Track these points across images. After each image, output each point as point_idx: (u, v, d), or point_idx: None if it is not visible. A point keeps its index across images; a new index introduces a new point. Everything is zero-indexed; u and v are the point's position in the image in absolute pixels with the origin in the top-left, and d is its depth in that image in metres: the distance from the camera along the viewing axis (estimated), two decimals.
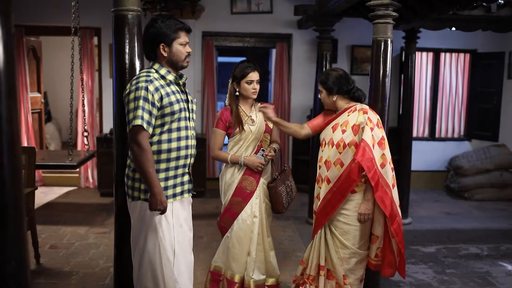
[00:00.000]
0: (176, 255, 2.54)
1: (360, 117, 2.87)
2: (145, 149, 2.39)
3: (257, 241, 3.27)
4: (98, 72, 6.85)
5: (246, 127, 3.23)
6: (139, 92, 2.39)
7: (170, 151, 2.51)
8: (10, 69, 1.03)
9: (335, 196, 2.91)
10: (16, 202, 1.07)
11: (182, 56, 2.56)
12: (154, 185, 2.40)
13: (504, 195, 6.73)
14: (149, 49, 2.57)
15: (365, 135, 2.80)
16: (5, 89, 1.02)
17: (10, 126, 1.04)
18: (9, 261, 1.04)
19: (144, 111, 2.38)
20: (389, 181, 2.84)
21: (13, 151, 1.05)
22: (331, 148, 2.97)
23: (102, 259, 4.11)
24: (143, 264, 2.54)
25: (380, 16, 2.98)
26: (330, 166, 2.96)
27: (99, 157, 6.19)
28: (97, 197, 6.26)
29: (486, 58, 7.16)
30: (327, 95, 3.03)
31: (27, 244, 1.12)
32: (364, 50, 6.88)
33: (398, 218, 2.88)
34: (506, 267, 4.67)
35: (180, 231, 2.59)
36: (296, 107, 6.90)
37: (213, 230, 4.85)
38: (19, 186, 1.08)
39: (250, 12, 6.69)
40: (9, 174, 1.04)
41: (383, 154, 2.83)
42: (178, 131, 2.54)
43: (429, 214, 6.03)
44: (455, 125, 7.51)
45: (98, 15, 6.32)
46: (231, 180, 3.27)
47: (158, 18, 2.55)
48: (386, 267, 3.00)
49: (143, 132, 2.39)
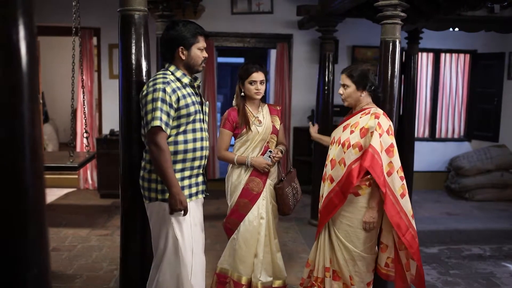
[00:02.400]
0: (194, 256, 2.57)
1: (370, 121, 2.81)
2: (164, 149, 2.42)
3: (264, 243, 3.24)
4: (98, 73, 6.80)
5: (253, 128, 3.21)
6: (157, 94, 2.42)
7: (187, 152, 2.54)
8: (33, 71, 1.01)
9: (337, 195, 2.88)
10: (38, 207, 1.04)
11: (199, 61, 2.60)
12: (173, 185, 2.42)
13: (504, 196, 6.73)
14: (167, 50, 2.61)
15: (373, 140, 2.74)
16: (27, 91, 1.00)
17: (33, 129, 1.02)
18: (31, 268, 1.01)
19: (162, 112, 2.41)
20: (395, 190, 2.76)
21: (36, 154, 1.03)
22: (337, 146, 2.95)
23: (106, 262, 4.08)
24: (163, 265, 2.55)
25: (389, 17, 2.97)
26: (335, 165, 2.93)
27: (99, 158, 6.14)
28: (97, 198, 6.21)
29: (486, 59, 7.17)
30: (355, 90, 2.90)
31: (49, 250, 1.09)
32: (364, 51, 6.87)
33: (411, 230, 2.80)
34: (509, 267, 4.66)
35: (195, 230, 2.62)
36: (296, 107, 6.88)
37: (216, 232, 4.82)
38: (42, 191, 1.05)
39: (250, 12, 6.67)
40: (31, 178, 1.01)
41: (390, 162, 2.77)
42: (194, 133, 2.56)
43: (430, 214, 6.02)
44: (455, 126, 7.52)
45: (97, 15, 6.28)
46: (237, 181, 3.25)
47: (180, 21, 2.60)
48: (398, 280, 2.93)
49: (161, 133, 2.42)
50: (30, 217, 1.02)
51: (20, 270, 0.99)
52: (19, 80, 0.98)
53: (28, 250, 1.01)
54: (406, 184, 2.88)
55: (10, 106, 0.97)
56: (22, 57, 0.97)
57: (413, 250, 2.82)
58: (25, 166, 1.00)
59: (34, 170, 1.02)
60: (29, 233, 1.02)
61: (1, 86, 0.95)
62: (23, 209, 1.01)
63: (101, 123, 6.81)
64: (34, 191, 1.02)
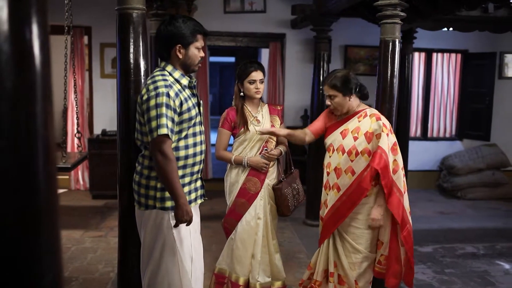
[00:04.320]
0: (193, 262, 2.48)
1: (373, 124, 2.80)
2: (171, 158, 2.28)
3: (261, 243, 3.22)
4: (89, 72, 6.73)
5: (251, 128, 3.19)
6: (161, 99, 2.27)
7: (187, 158, 2.43)
8: (47, 70, 0.97)
9: (345, 204, 2.85)
10: (51, 211, 1.01)
11: (196, 61, 2.46)
12: (180, 195, 2.29)
13: (496, 194, 6.79)
14: (164, 47, 2.46)
15: (381, 142, 2.74)
16: (41, 91, 0.96)
17: (46, 130, 0.98)
18: (47, 274, 0.98)
19: (168, 118, 2.27)
20: (401, 187, 2.79)
21: (49, 157, 0.99)
22: (342, 155, 2.88)
23: (101, 264, 4.02)
24: (159, 274, 2.44)
25: (388, 16, 2.96)
26: (341, 174, 2.88)
27: (90, 159, 6.07)
28: (89, 199, 6.14)
29: (478, 59, 7.22)
30: (343, 97, 2.86)
31: (62, 255, 1.06)
32: (357, 50, 6.88)
33: (408, 226, 2.84)
34: (503, 266, 4.70)
35: (195, 237, 2.53)
36: (290, 107, 6.87)
37: (211, 233, 4.79)
38: (54, 194, 1.02)
39: (243, 11, 6.64)
40: (44, 181, 0.98)
41: (395, 160, 2.79)
42: (194, 137, 2.46)
43: (424, 213, 6.05)
44: (447, 125, 7.57)
45: (88, 14, 6.22)
46: (235, 181, 3.23)
47: (179, 17, 2.44)
48: (390, 277, 2.93)
49: (168, 141, 2.28)
50: (43, 221, 0.99)
51: (35, 276, 0.96)
52: (33, 80, 0.95)
53: (42, 256, 0.98)
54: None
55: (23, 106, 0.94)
56: (35, 56, 0.94)
57: (408, 246, 2.86)
58: (38, 170, 0.97)
59: (48, 173, 0.99)
60: (43, 239, 0.99)
61: (15, 85, 0.92)
62: (36, 214, 0.98)
63: (92, 123, 6.74)
64: (47, 195, 0.99)
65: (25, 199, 0.96)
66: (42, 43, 0.96)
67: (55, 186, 1.04)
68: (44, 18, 0.97)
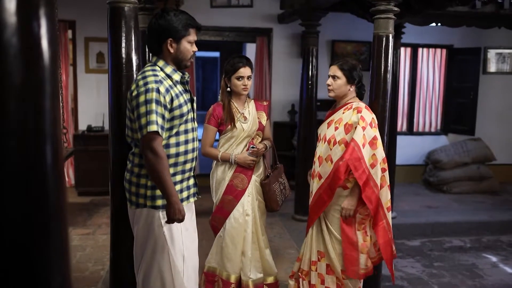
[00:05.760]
0: (185, 261, 2.43)
1: (353, 116, 2.85)
2: (162, 156, 2.22)
3: (251, 240, 3.20)
4: (73, 67, 6.60)
5: (238, 125, 3.15)
6: (150, 95, 2.20)
7: (178, 155, 2.37)
8: (54, 66, 0.93)
9: (326, 191, 2.90)
10: (60, 211, 0.97)
11: (188, 55, 2.39)
12: (171, 194, 2.24)
13: (480, 188, 6.88)
14: (155, 41, 2.37)
15: (355, 134, 2.79)
16: (49, 88, 0.92)
17: (54, 128, 0.94)
18: (56, 277, 0.94)
19: (158, 115, 2.20)
20: (377, 181, 2.81)
21: (57, 158, 0.95)
22: (323, 144, 2.97)
23: (91, 262, 3.95)
24: (152, 274, 2.41)
25: (382, 11, 2.95)
26: (322, 162, 2.96)
27: (76, 155, 5.96)
28: (74, 196, 6.04)
29: (462, 54, 7.29)
30: (345, 83, 2.92)
31: (70, 257, 1.02)
32: (344, 45, 6.89)
33: (383, 222, 2.87)
34: (490, 258, 4.77)
35: (186, 235, 2.46)
36: (277, 102, 6.85)
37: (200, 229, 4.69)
38: (63, 196, 0.98)
39: (230, 5, 6.58)
40: (53, 183, 0.94)
41: (374, 154, 2.81)
42: (186, 134, 2.39)
43: (411, 208, 6.10)
44: (432, 120, 7.64)
45: (72, 7, 6.10)
46: (221, 178, 3.19)
47: (171, 10, 2.37)
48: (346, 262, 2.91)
49: (158, 138, 2.22)
50: (51, 222, 0.95)
51: (44, 279, 0.92)
52: (42, 75, 0.90)
53: (51, 258, 0.95)
54: (389, 178, 2.92)
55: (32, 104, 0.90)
56: (44, 50, 0.90)
57: (381, 241, 2.88)
58: (46, 171, 0.93)
59: (57, 175, 0.95)
60: (52, 240, 0.95)
61: (23, 81, 0.88)
62: (45, 215, 0.94)
63: (77, 119, 6.63)
64: (55, 196, 0.95)
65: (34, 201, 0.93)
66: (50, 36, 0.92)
67: (64, 187, 1.01)
68: (52, 10, 0.92)
